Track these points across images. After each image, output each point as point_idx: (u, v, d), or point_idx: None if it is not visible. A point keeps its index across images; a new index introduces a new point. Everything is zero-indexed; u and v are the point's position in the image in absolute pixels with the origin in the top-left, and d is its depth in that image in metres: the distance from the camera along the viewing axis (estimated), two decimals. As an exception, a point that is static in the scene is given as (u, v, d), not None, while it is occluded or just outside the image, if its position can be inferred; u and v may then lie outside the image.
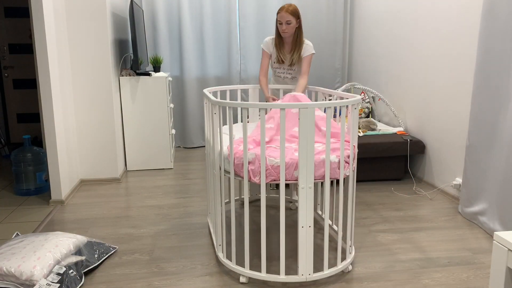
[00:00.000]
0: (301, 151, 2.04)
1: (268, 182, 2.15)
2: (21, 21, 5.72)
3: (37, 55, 3.31)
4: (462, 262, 2.52)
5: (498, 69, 2.80)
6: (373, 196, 3.64)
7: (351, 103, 2.16)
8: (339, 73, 5.78)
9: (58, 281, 2.16)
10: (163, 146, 4.50)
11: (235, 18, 5.41)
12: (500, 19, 2.77)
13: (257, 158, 2.13)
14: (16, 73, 5.81)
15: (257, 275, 2.24)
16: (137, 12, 4.24)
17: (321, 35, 5.65)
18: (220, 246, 2.45)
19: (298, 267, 2.18)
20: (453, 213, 3.26)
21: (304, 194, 2.11)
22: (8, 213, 3.36)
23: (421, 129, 4.08)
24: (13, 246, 2.34)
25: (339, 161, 2.17)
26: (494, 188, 2.85)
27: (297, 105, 1.98)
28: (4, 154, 5.11)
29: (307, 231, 2.14)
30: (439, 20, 3.71)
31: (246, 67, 5.56)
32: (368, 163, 3.94)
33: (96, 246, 2.58)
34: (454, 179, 3.57)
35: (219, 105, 2.21)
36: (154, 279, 2.35)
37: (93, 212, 3.31)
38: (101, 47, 3.86)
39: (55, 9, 3.52)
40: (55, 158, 3.44)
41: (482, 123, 2.96)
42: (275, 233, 2.91)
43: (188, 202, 3.52)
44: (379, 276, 2.36)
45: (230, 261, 2.40)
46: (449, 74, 3.60)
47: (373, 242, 2.78)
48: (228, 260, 2.40)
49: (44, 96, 3.36)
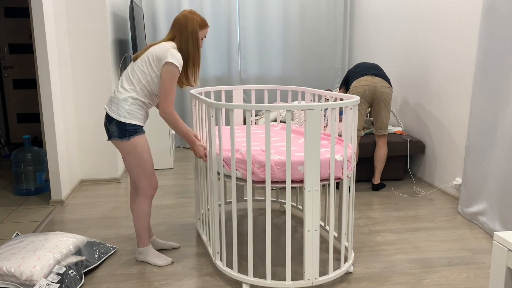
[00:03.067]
0: (306, 153, 2.01)
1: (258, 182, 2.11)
2: (21, 21, 5.72)
3: (37, 55, 3.31)
4: (462, 262, 2.52)
5: (498, 69, 2.81)
6: (373, 196, 3.64)
7: (351, 104, 2.16)
8: (339, 73, 5.78)
9: (58, 281, 2.16)
10: (163, 146, 4.50)
11: (235, 18, 5.41)
12: (500, 19, 2.77)
13: (244, 157, 2.12)
14: (16, 73, 5.81)
15: (262, 282, 2.17)
16: (137, 12, 4.24)
17: (321, 35, 5.65)
18: (218, 254, 2.37)
19: (304, 271, 2.13)
20: (453, 213, 3.26)
21: (310, 197, 2.07)
22: (8, 213, 3.36)
23: (421, 129, 4.08)
24: (13, 246, 2.34)
25: (342, 161, 2.17)
26: (494, 188, 2.85)
27: (303, 106, 1.96)
28: (4, 154, 5.11)
29: (314, 234, 2.10)
30: (439, 19, 3.71)
31: (246, 67, 5.56)
32: (368, 163, 3.94)
33: (96, 246, 2.58)
34: (454, 179, 3.57)
35: (222, 108, 2.16)
36: (154, 279, 2.35)
37: (93, 212, 3.31)
38: (101, 47, 3.86)
39: (55, 9, 3.53)
40: (55, 158, 3.44)
41: (482, 123, 2.97)
42: (263, 239, 2.91)
43: (188, 202, 3.52)
44: (379, 277, 2.36)
45: (231, 269, 2.32)
46: (449, 74, 3.60)
47: (373, 242, 2.78)
48: (228, 268, 2.31)
49: (44, 96, 3.36)
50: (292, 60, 5.64)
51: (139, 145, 2.30)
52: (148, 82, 2.29)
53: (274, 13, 5.48)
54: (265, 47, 5.55)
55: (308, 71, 5.71)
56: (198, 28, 2.33)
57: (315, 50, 5.68)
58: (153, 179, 2.40)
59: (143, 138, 2.32)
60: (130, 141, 2.27)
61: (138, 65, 2.29)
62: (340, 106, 2.08)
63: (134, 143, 2.28)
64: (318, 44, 5.67)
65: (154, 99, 2.37)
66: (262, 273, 2.40)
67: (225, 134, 2.79)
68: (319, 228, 2.11)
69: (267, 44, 5.54)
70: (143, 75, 2.28)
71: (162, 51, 2.25)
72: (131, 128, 2.26)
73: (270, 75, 5.64)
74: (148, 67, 2.27)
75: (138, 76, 2.28)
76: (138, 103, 2.29)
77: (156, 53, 2.26)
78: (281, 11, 5.49)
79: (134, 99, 2.27)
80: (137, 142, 2.29)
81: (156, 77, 2.28)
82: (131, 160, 2.32)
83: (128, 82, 2.30)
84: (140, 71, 2.28)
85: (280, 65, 5.63)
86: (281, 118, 4.40)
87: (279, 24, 5.52)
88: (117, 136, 2.27)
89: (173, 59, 2.22)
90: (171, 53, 2.23)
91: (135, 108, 2.28)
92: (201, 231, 2.82)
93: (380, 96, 3.59)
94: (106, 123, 2.30)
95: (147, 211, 2.45)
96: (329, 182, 2.16)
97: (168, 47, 2.27)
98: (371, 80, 3.57)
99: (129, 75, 2.30)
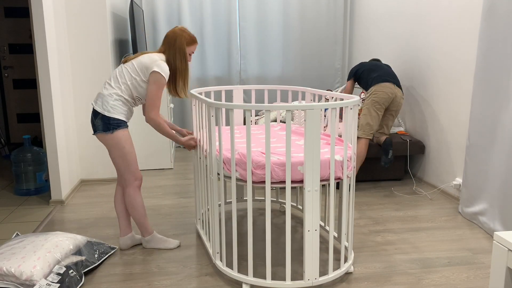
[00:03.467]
0: (306, 153, 2.01)
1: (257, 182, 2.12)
2: (21, 21, 5.72)
3: (37, 55, 3.31)
4: (462, 262, 2.52)
5: (498, 69, 2.80)
6: (373, 196, 3.64)
7: (352, 104, 2.16)
8: (339, 73, 5.78)
9: (58, 281, 2.16)
10: (163, 146, 4.50)
11: (235, 18, 5.41)
12: (500, 19, 2.77)
13: (243, 157, 2.12)
14: (16, 73, 5.81)
15: (262, 282, 2.17)
16: (137, 12, 4.24)
17: (321, 35, 5.65)
18: (218, 254, 2.37)
19: (304, 271, 2.13)
20: (453, 213, 3.26)
21: (310, 197, 2.06)
22: (8, 213, 3.36)
23: (421, 129, 4.08)
24: (13, 246, 2.34)
25: (341, 161, 2.17)
26: (494, 188, 2.85)
27: (303, 106, 1.96)
28: (4, 154, 5.11)
29: (313, 235, 2.10)
30: (439, 19, 3.71)
31: (246, 67, 5.56)
32: (368, 163, 3.94)
33: (96, 246, 2.58)
34: (454, 179, 3.57)
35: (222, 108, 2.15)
36: (154, 279, 2.35)
37: (93, 212, 3.31)
38: (101, 47, 3.86)
39: (55, 9, 3.53)
40: (55, 158, 3.44)
41: (483, 123, 2.96)
42: (263, 239, 2.91)
43: (188, 202, 3.52)
44: (379, 277, 2.36)
45: (231, 269, 2.31)
46: (449, 74, 3.60)
47: (373, 242, 2.78)
48: (228, 268, 2.31)
49: (44, 96, 3.36)
50: (292, 60, 5.64)
51: (122, 138, 2.45)
52: (133, 84, 2.46)
53: (274, 13, 5.48)
54: (265, 47, 5.55)
55: (308, 71, 5.71)
56: (186, 44, 2.51)
57: (315, 50, 5.67)
58: (137, 170, 2.56)
59: (126, 132, 2.47)
60: (113, 134, 2.43)
61: (127, 68, 2.47)
62: (340, 106, 2.08)
63: (117, 136, 2.44)
64: (318, 44, 5.67)
65: (136, 101, 2.53)
66: (262, 273, 2.40)
67: (223, 134, 2.78)
68: (319, 228, 2.11)
69: (267, 44, 5.54)
70: (129, 77, 2.45)
71: (151, 61, 2.44)
72: (114, 122, 2.43)
73: (270, 75, 5.64)
74: (135, 72, 2.45)
75: (124, 77, 2.46)
76: (122, 100, 2.45)
77: (144, 62, 2.44)
78: (281, 11, 5.49)
79: (119, 96, 2.44)
80: (120, 135, 2.45)
81: (141, 81, 2.45)
82: (115, 153, 2.48)
83: (115, 81, 2.47)
84: (127, 73, 2.46)
85: (280, 65, 5.63)
86: (281, 118, 4.40)
87: (279, 24, 5.52)
88: (101, 129, 2.43)
89: (159, 69, 2.41)
90: (158, 64, 2.42)
91: (118, 104, 2.44)
92: (201, 231, 2.82)
93: (396, 106, 3.72)
94: (92, 117, 2.47)
95: (140, 201, 2.59)
96: (329, 182, 2.16)
97: (156, 58, 2.45)
98: (393, 89, 3.65)
99: (117, 75, 2.48)
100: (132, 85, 2.45)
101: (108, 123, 2.41)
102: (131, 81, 2.45)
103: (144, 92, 2.49)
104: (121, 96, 2.45)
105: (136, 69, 2.45)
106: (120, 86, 2.45)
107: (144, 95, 2.50)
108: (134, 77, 2.45)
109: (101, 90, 2.48)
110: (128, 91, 2.47)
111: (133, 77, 2.45)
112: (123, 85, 2.45)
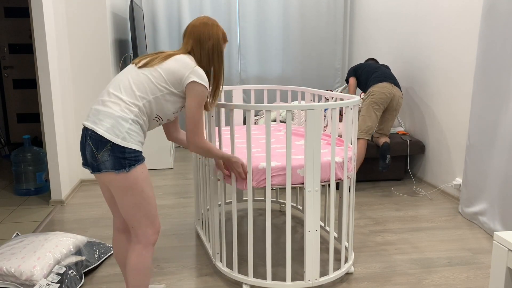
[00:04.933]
0: (307, 153, 2.01)
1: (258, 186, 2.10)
2: (21, 21, 5.71)
3: (37, 55, 3.31)
4: (462, 262, 2.52)
5: (498, 69, 2.80)
6: (373, 196, 3.64)
7: (352, 104, 2.16)
8: (339, 73, 5.78)
9: (58, 281, 2.16)
10: (163, 146, 4.50)
11: (235, 18, 5.41)
12: (500, 19, 2.77)
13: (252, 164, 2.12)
14: (16, 73, 5.81)
15: (262, 283, 2.17)
16: (137, 12, 4.24)
17: (321, 35, 5.65)
18: (218, 255, 2.36)
19: (305, 272, 2.13)
20: (453, 213, 3.26)
21: (311, 198, 2.06)
22: (8, 213, 3.36)
23: (421, 129, 4.08)
24: (13, 246, 2.34)
25: (342, 162, 2.17)
26: (494, 188, 2.85)
27: (304, 106, 1.96)
28: (4, 154, 5.11)
29: (314, 235, 2.10)
30: (439, 20, 3.71)
31: (246, 67, 5.56)
32: (368, 163, 3.94)
33: (96, 246, 2.58)
34: (454, 179, 3.57)
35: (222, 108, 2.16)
36: (154, 279, 2.35)
37: (93, 212, 3.31)
38: (101, 47, 3.86)
39: (55, 9, 3.52)
40: (55, 158, 3.44)
41: (483, 123, 2.96)
42: (263, 239, 2.91)
43: (188, 202, 3.52)
44: (379, 277, 2.36)
45: (231, 269, 2.31)
46: (449, 74, 3.60)
47: (373, 242, 2.78)
48: (228, 269, 2.30)
49: (44, 96, 3.36)
50: (292, 60, 5.64)
51: (140, 178, 1.71)
52: (157, 100, 1.75)
53: (274, 13, 5.48)
54: (265, 47, 5.55)
55: (308, 71, 5.71)
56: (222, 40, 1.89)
57: (315, 50, 5.67)
58: (156, 221, 1.81)
59: (144, 167, 1.74)
60: (130, 173, 1.68)
61: (148, 76, 1.73)
62: (340, 106, 2.08)
63: (134, 176, 1.69)
64: (318, 44, 5.67)
65: (151, 123, 1.81)
66: (262, 273, 2.39)
67: (222, 135, 2.78)
68: (319, 229, 2.11)
69: (267, 44, 5.54)
70: (154, 89, 1.73)
71: (183, 66, 1.76)
72: (131, 156, 1.67)
73: (270, 75, 5.64)
74: (163, 82, 1.74)
75: (145, 89, 1.72)
76: (140, 122, 1.72)
77: (174, 68, 1.75)
78: (281, 11, 5.49)
79: (137, 117, 1.71)
80: (138, 174, 1.70)
81: (169, 94, 1.76)
82: (130, 199, 1.72)
83: (129, 94, 1.71)
84: (149, 84, 1.73)
85: (280, 65, 5.63)
86: (281, 118, 4.40)
87: (279, 24, 5.52)
88: (111, 167, 1.66)
89: (198, 78, 1.75)
90: (195, 71, 1.75)
91: (137, 129, 1.70)
92: (201, 232, 2.82)
93: (395, 106, 3.71)
94: (92, 147, 1.66)
95: (149, 264, 1.83)
96: (329, 182, 2.16)
97: (189, 61, 1.78)
98: (391, 88, 3.65)
99: (131, 85, 1.72)
100: (156, 100, 1.74)
101: (123, 157, 1.65)
102: (156, 94, 1.73)
103: (170, 110, 1.80)
104: (140, 117, 1.71)
105: (165, 78, 1.74)
106: (138, 103, 1.70)
107: (169, 114, 1.81)
108: (161, 89, 1.74)
109: (105, 104, 1.70)
110: (149, 109, 1.74)
111: (160, 89, 1.73)
112: (143, 100, 1.71)
